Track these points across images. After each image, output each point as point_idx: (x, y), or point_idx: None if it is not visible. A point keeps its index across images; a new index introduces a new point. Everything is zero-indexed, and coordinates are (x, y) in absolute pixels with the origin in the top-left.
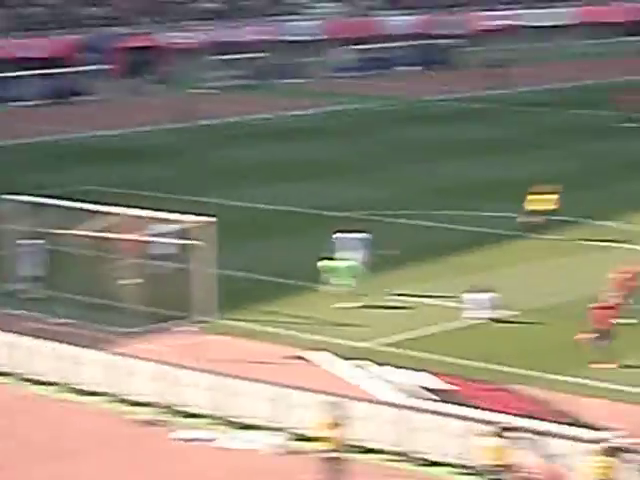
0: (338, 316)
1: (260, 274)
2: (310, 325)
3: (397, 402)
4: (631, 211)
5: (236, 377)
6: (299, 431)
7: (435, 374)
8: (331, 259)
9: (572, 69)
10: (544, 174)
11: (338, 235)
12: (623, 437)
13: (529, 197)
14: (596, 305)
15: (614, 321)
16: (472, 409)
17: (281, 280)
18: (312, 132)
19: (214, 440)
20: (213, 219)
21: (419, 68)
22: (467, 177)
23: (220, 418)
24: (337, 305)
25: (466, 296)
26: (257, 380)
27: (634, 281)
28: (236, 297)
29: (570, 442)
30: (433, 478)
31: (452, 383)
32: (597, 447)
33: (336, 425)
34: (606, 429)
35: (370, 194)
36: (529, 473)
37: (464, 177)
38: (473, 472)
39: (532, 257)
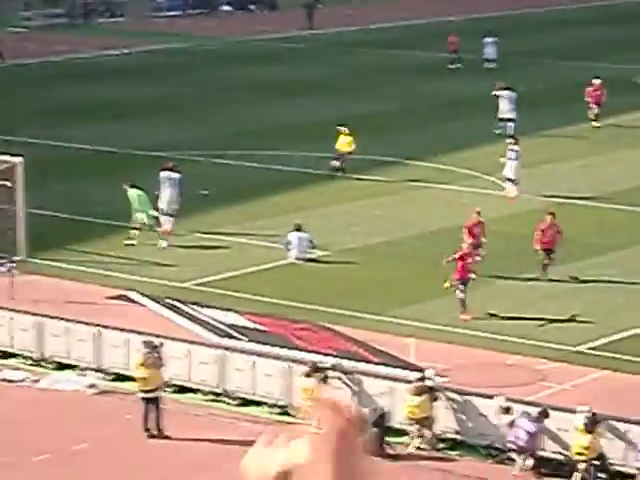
0: (154, 256)
1: (72, 214)
2: (126, 265)
3: (213, 342)
4: (449, 152)
5: (54, 317)
6: (118, 371)
7: (248, 314)
8: (144, 191)
9: (394, 10)
10: (357, 115)
11: (159, 174)
12: (437, 376)
13: (343, 138)
14: (458, 254)
15: (471, 269)
16: (287, 349)
17: (94, 220)
18: (130, 72)
19: (38, 381)
20: (21, 159)
21: (242, 8)
22: (283, 118)
23: (42, 359)
24: (139, 241)
25: (287, 236)
26: (76, 320)
27: (481, 231)
28: (49, 237)
29: (387, 382)
30: (251, 418)
31: (262, 323)
32: (412, 386)
33: (155, 365)
34: (422, 368)
35: (187, 135)
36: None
37: (280, 118)
38: (291, 412)
39: (347, 198)
